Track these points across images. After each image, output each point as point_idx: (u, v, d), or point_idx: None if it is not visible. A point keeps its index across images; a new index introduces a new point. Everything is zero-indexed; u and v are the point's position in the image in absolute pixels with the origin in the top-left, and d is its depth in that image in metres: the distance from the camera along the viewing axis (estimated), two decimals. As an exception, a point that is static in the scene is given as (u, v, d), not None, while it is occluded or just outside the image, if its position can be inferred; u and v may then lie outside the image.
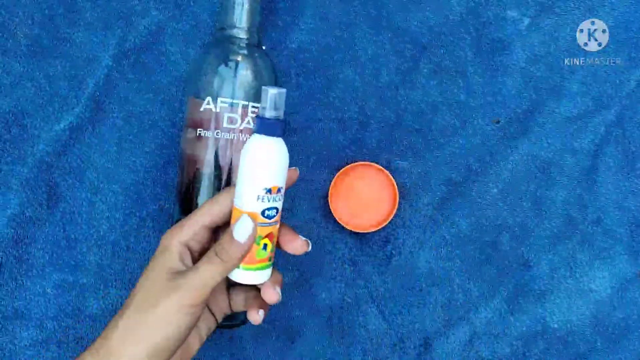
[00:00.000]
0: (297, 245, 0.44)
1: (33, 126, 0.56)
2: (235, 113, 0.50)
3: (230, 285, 0.48)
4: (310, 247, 0.45)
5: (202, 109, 0.50)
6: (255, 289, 0.47)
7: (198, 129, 0.50)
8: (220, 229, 0.45)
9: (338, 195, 0.57)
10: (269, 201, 0.42)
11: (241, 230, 0.41)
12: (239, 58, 0.51)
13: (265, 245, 0.43)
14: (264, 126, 0.41)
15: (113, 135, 0.57)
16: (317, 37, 0.58)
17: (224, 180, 0.50)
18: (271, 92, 0.41)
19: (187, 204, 0.51)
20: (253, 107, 0.51)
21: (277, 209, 0.43)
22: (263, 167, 0.41)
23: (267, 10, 0.58)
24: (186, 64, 0.57)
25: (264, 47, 0.54)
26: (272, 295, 0.44)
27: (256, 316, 0.45)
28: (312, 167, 0.58)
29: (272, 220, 0.43)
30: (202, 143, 0.50)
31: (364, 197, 0.57)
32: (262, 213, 0.42)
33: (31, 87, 0.56)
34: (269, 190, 0.42)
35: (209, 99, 0.50)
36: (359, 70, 0.58)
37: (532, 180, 0.59)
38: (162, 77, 0.57)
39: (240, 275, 0.43)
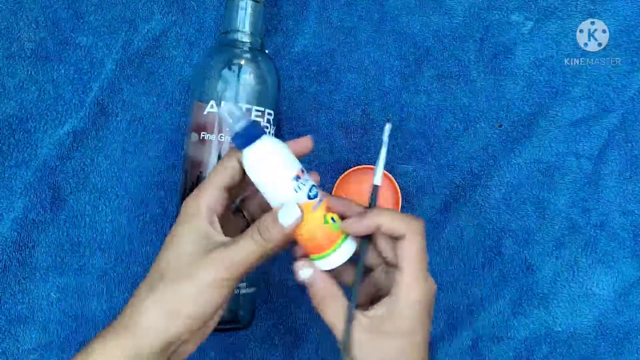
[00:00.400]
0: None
1: (37, 130, 0.56)
2: (239, 117, 0.50)
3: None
4: None
5: (205, 113, 0.50)
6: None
7: (201, 133, 0.51)
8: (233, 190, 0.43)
9: (341, 198, 0.57)
10: (304, 185, 0.41)
11: (286, 216, 0.40)
12: (243, 62, 0.51)
13: (333, 219, 0.42)
14: (242, 139, 0.40)
15: (117, 139, 0.57)
16: (320, 42, 0.58)
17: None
18: (224, 109, 0.40)
19: (190, 208, 0.51)
20: (257, 110, 0.51)
21: (314, 185, 0.42)
22: (275, 170, 0.40)
23: (271, 15, 0.58)
24: (190, 68, 0.58)
25: (267, 51, 0.55)
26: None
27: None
28: (316, 171, 0.58)
29: (319, 195, 0.42)
30: (205, 146, 0.51)
31: (367, 201, 0.57)
32: (308, 197, 0.41)
33: (35, 91, 0.57)
34: (297, 177, 0.41)
35: (212, 102, 0.50)
36: (362, 75, 0.58)
37: (535, 184, 0.59)
38: (165, 81, 0.57)
39: (332, 260, 0.42)
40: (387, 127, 0.44)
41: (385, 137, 0.44)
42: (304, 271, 0.42)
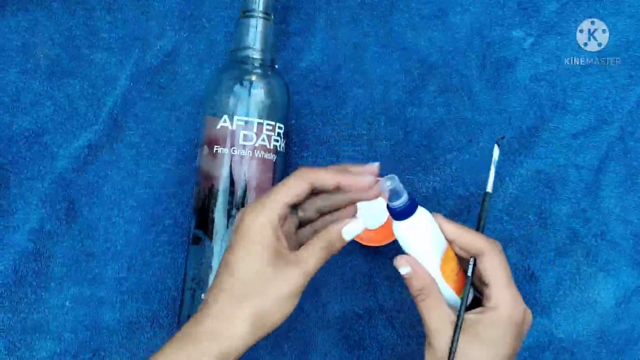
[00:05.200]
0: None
1: (52, 143, 0.58)
2: (250, 130, 0.52)
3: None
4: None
5: (218, 127, 0.52)
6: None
7: (214, 146, 0.52)
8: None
9: (348, 209, 0.58)
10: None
11: (350, 232, 0.44)
12: (254, 78, 0.53)
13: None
14: (400, 214, 0.43)
15: (130, 152, 0.58)
16: (327, 57, 0.60)
17: (239, 196, 0.52)
18: (388, 185, 0.42)
19: (202, 219, 0.53)
20: (268, 124, 0.52)
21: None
22: (427, 243, 0.45)
23: (279, 31, 0.60)
24: (201, 84, 0.59)
25: (276, 67, 0.56)
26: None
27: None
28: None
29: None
30: (217, 160, 0.52)
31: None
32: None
33: (51, 105, 0.58)
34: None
35: (225, 117, 0.52)
36: (368, 89, 0.60)
37: (537, 194, 0.60)
38: (177, 96, 0.59)
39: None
40: (496, 149, 0.49)
41: (495, 156, 0.48)
42: (404, 267, 0.45)
